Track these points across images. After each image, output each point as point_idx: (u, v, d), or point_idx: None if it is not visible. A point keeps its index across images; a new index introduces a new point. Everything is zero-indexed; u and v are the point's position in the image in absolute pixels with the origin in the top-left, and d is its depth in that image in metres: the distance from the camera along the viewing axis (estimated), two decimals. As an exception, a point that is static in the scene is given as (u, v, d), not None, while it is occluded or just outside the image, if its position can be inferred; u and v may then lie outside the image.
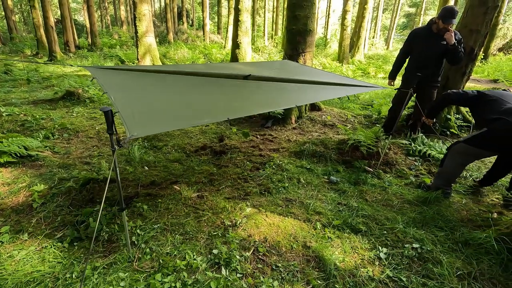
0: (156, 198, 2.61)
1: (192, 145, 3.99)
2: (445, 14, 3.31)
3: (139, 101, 2.10)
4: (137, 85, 2.38)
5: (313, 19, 4.61)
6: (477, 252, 1.99)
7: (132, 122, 1.65)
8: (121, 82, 2.35)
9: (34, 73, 8.81)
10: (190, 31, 23.11)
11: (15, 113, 4.78)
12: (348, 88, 3.11)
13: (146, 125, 1.79)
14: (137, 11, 9.06)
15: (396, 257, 1.97)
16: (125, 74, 2.54)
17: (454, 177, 2.70)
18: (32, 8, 14.13)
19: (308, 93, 2.95)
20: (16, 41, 18.48)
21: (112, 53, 13.86)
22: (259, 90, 2.72)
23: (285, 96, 2.78)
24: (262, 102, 2.56)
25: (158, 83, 2.49)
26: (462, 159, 2.58)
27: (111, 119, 1.59)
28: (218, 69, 3.16)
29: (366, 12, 15.19)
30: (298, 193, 2.78)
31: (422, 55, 3.63)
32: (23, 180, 2.82)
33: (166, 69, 2.80)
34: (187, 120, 2.08)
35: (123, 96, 2.02)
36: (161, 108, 2.06)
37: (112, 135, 1.62)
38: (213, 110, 2.20)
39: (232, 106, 2.33)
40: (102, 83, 2.09)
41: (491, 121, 2.32)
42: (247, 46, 9.35)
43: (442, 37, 3.41)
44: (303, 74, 3.46)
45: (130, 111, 1.80)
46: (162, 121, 1.92)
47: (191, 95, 2.39)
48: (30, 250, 1.95)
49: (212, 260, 1.90)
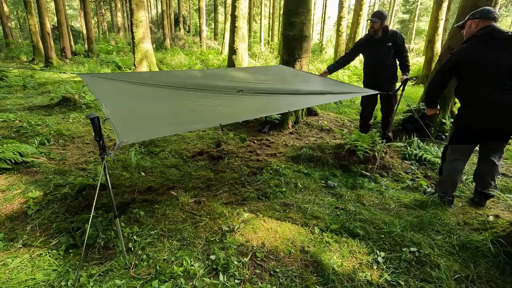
0: (153, 204, 2.59)
1: (189, 151, 3.98)
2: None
3: (130, 108, 2.11)
4: (129, 93, 2.39)
5: (308, 26, 4.66)
6: (474, 255, 2.00)
7: (122, 129, 1.67)
8: (113, 89, 2.36)
9: (30, 79, 8.76)
10: (187, 37, 23.22)
11: (10, 120, 4.75)
12: (344, 94, 3.14)
13: (136, 132, 1.81)
14: (134, 17, 9.10)
15: (394, 261, 1.97)
16: (117, 82, 2.54)
17: (454, 182, 2.60)
18: (29, 15, 14.14)
19: (301, 98, 2.97)
20: (12, 47, 18.41)
21: (109, 59, 13.85)
22: (252, 99, 2.73)
23: (278, 101, 2.79)
24: (254, 109, 2.58)
25: (150, 90, 2.51)
26: (456, 161, 2.55)
27: (98, 126, 1.59)
28: (213, 78, 3.16)
29: (361, 18, 15.41)
30: (296, 198, 2.78)
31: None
32: (18, 186, 2.79)
33: (160, 78, 2.81)
34: (178, 126, 2.09)
35: (114, 103, 2.03)
36: (152, 115, 2.08)
37: (99, 141, 1.62)
38: (204, 117, 2.22)
39: (224, 113, 2.35)
40: (93, 90, 2.10)
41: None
42: (244, 52, 9.41)
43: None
44: (297, 80, 3.49)
45: (121, 118, 1.83)
46: (152, 127, 1.94)
47: (183, 102, 2.40)
48: (24, 258, 1.92)
49: (210, 266, 1.89)
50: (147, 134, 2.01)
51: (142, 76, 2.98)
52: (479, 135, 2.41)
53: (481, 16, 2.30)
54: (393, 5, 28.74)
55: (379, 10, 3.78)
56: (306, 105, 3.90)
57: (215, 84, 2.86)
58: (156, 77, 2.97)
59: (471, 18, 2.38)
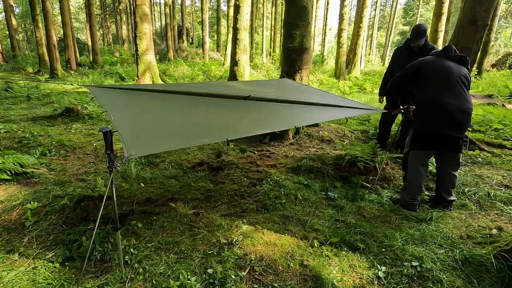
0: (151, 215, 2.57)
1: (189, 161, 3.98)
2: (411, 34, 3.55)
3: (138, 120, 2.12)
4: (137, 104, 2.40)
5: (309, 37, 4.73)
6: (477, 270, 1.95)
7: (130, 141, 1.66)
8: (120, 101, 2.38)
9: (34, 90, 8.90)
10: (190, 48, 23.62)
11: (13, 130, 4.79)
12: (347, 110, 3.10)
13: (145, 144, 1.80)
14: (138, 30, 9.30)
15: (395, 276, 1.93)
16: (125, 93, 2.57)
17: (419, 187, 2.73)
18: (36, 28, 14.50)
19: (307, 114, 2.98)
20: (19, 59, 18.81)
21: (113, 70, 14.08)
22: (258, 111, 2.75)
23: (284, 117, 2.81)
24: (261, 123, 2.59)
25: (158, 102, 2.52)
26: (419, 166, 2.69)
27: (110, 140, 1.61)
28: (217, 89, 3.19)
29: (361, 30, 15.62)
30: (295, 210, 2.75)
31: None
32: (16, 197, 2.79)
33: (165, 89, 2.83)
34: (186, 140, 2.10)
35: (122, 115, 2.04)
36: (160, 128, 2.08)
37: (110, 154, 1.63)
38: (212, 131, 2.22)
39: (231, 127, 2.35)
40: (102, 102, 2.12)
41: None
42: (246, 63, 9.53)
43: (419, 55, 3.51)
44: (300, 93, 3.49)
45: (129, 130, 1.82)
46: (160, 140, 1.94)
47: (191, 114, 2.41)
48: (20, 270, 1.90)
49: (207, 280, 1.85)
50: (155, 148, 2.01)
51: (147, 88, 3.01)
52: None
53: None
54: (393, 17, 29.17)
55: (420, 27, 3.45)
56: (313, 121, 3.79)
57: (222, 92, 2.90)
58: (162, 88, 2.99)
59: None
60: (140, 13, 9.18)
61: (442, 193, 2.79)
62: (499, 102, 8.67)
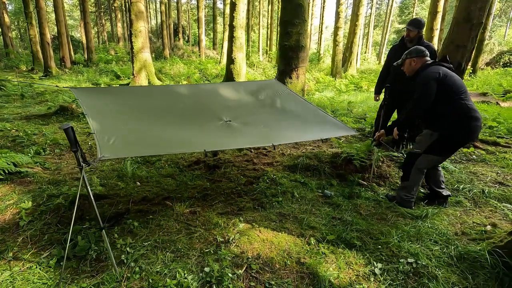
0: (148, 214, 2.56)
1: (185, 160, 3.96)
2: (408, 23, 3.60)
3: (116, 125, 2.17)
4: (118, 110, 2.44)
5: (305, 35, 4.72)
6: (472, 266, 1.97)
7: (105, 144, 1.71)
8: (102, 103, 2.41)
9: (28, 88, 8.79)
10: (186, 46, 23.47)
11: (7, 129, 4.73)
12: (324, 131, 3.12)
13: (119, 148, 1.85)
14: (133, 27, 9.21)
15: (391, 272, 1.94)
16: (109, 96, 2.60)
17: (417, 187, 2.80)
18: (29, 25, 14.32)
19: (287, 134, 3.06)
20: (12, 56, 18.56)
21: (108, 68, 13.96)
22: (238, 129, 2.81)
23: (263, 135, 2.88)
24: (241, 140, 2.72)
25: (141, 109, 2.59)
26: (425, 169, 2.73)
27: (72, 136, 1.58)
28: (202, 100, 3.22)
29: (357, 28, 15.66)
30: (292, 208, 2.75)
31: (395, 68, 3.72)
32: (10, 197, 2.75)
33: (151, 99, 2.87)
34: (162, 148, 2.14)
35: (102, 118, 2.09)
36: (137, 134, 2.14)
37: (76, 152, 1.60)
38: (191, 141, 2.29)
39: (210, 140, 2.42)
40: (82, 104, 2.13)
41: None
42: (242, 61, 9.50)
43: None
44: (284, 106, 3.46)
45: (107, 133, 1.89)
46: (135, 146, 2.01)
47: (170, 125, 2.46)
48: (14, 271, 1.88)
49: (204, 279, 1.85)
50: (129, 152, 2.09)
51: (135, 93, 3.04)
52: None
53: (417, 55, 2.68)
54: (389, 15, 29.27)
55: (417, 18, 3.57)
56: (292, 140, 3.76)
57: (203, 112, 2.96)
58: (148, 96, 2.98)
59: (408, 57, 2.72)
60: (136, 10, 9.09)
61: (436, 188, 2.84)
62: (493, 100, 8.75)
